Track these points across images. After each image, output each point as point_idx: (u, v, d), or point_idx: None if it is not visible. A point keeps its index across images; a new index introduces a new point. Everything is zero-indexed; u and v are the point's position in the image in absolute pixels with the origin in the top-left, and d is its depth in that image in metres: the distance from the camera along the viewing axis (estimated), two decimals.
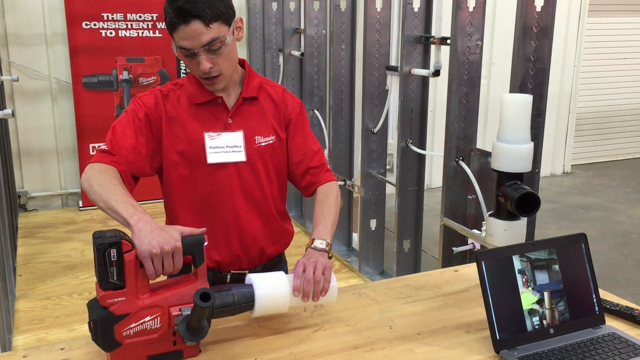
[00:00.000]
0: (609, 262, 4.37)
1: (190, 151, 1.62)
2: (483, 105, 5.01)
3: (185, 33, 1.49)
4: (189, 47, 1.51)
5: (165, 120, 1.62)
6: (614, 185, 6.38)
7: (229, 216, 1.66)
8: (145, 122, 1.60)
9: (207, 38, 1.49)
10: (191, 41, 1.50)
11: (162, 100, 1.63)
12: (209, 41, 1.50)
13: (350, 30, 3.93)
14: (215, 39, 1.50)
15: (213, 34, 1.50)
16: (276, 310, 1.47)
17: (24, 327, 3.10)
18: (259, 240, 1.71)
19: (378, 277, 3.74)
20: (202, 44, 1.50)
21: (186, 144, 1.62)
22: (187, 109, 1.64)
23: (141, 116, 1.60)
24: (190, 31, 1.48)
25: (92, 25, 4.72)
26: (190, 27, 1.48)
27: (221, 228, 1.66)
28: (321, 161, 1.77)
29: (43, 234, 4.44)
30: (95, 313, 1.27)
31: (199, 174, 1.63)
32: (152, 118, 1.61)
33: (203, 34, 1.49)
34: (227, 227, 1.67)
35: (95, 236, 1.26)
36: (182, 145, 1.62)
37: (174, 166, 1.64)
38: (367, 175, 3.69)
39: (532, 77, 2.50)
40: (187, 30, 1.48)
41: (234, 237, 1.68)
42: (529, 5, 2.44)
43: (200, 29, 1.48)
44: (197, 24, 1.48)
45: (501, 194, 1.79)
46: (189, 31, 1.48)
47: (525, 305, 1.40)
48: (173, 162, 1.63)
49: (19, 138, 4.80)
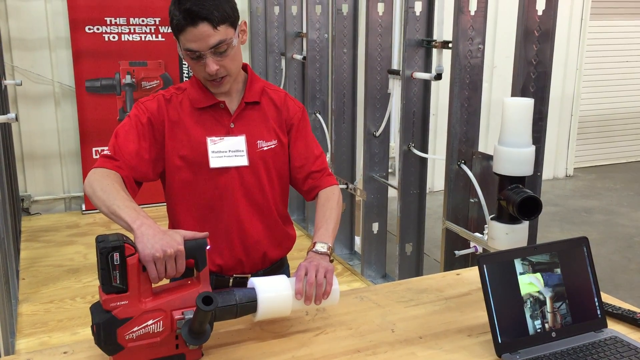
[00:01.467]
0: (612, 266, 4.36)
1: (193, 156, 1.62)
2: (485, 109, 5.01)
3: (193, 35, 1.49)
4: (196, 49, 1.51)
5: (168, 124, 1.63)
6: (617, 188, 6.37)
7: (231, 220, 1.67)
8: (148, 127, 1.61)
9: (214, 40, 1.50)
10: (199, 43, 1.50)
11: (164, 105, 1.64)
12: (216, 43, 1.51)
13: (352, 34, 3.94)
14: (222, 41, 1.51)
15: (220, 36, 1.51)
16: (279, 314, 1.47)
17: (27, 331, 3.10)
18: (261, 244, 1.71)
19: (380, 280, 3.74)
20: (210, 46, 1.51)
21: (189, 149, 1.62)
22: (189, 113, 1.64)
23: (144, 121, 1.61)
24: (198, 33, 1.49)
25: (95, 30, 4.74)
26: (198, 29, 1.48)
27: (223, 232, 1.67)
28: (323, 165, 1.77)
29: (46, 238, 4.44)
30: (98, 317, 1.28)
31: (202, 178, 1.64)
32: (154, 123, 1.62)
33: (211, 36, 1.50)
34: (229, 231, 1.67)
35: (98, 240, 1.26)
36: (184, 149, 1.63)
37: (176, 170, 1.64)
38: (369, 179, 3.70)
39: (534, 81, 2.51)
40: (195, 32, 1.49)
41: (236, 241, 1.68)
42: (531, 9, 2.45)
43: (208, 31, 1.49)
44: (205, 26, 1.48)
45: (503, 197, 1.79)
46: (197, 33, 1.49)
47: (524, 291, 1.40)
48: (175, 166, 1.64)
49: (22, 142, 4.82)
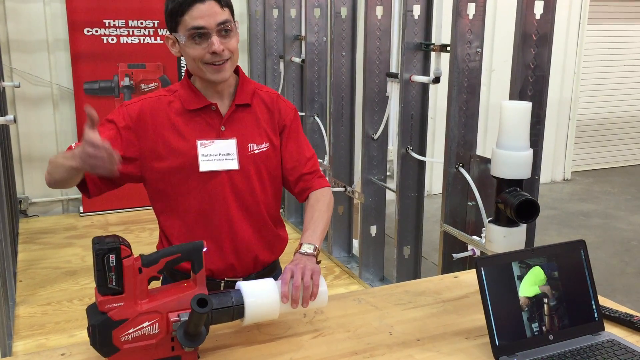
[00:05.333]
0: (609, 269, 4.37)
1: (182, 159, 1.61)
2: (483, 112, 5.02)
3: (200, 11, 1.52)
4: (204, 25, 1.53)
5: (152, 128, 1.61)
6: (614, 192, 6.38)
7: (222, 224, 1.65)
8: (124, 132, 1.60)
9: (222, 17, 1.54)
10: (207, 19, 1.53)
11: (149, 110, 1.62)
12: (223, 20, 1.54)
13: (351, 37, 3.94)
14: (228, 20, 1.56)
15: (227, 15, 1.55)
16: (266, 318, 1.46)
17: (24, 333, 3.09)
18: (252, 247, 1.70)
19: (378, 283, 3.74)
20: (218, 22, 1.54)
21: (178, 152, 1.61)
22: (179, 115, 1.63)
23: (120, 125, 1.60)
24: (206, 9, 1.52)
25: (93, 32, 4.73)
26: (205, 5, 1.52)
27: (214, 236, 1.65)
28: (314, 167, 1.76)
29: (44, 240, 4.44)
30: (94, 318, 1.27)
31: (191, 182, 1.62)
32: (133, 128, 1.60)
33: (218, 13, 1.54)
34: (220, 235, 1.66)
35: (94, 242, 1.26)
36: (173, 152, 1.61)
37: (164, 174, 1.62)
38: (367, 182, 3.70)
39: (532, 84, 2.51)
40: (203, 8, 1.52)
41: (227, 245, 1.67)
42: (529, 13, 2.45)
43: (215, 8, 1.53)
44: (213, 3, 1.53)
45: (501, 200, 1.79)
46: (204, 9, 1.52)
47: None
48: (164, 169, 1.62)
49: (20, 144, 4.81)
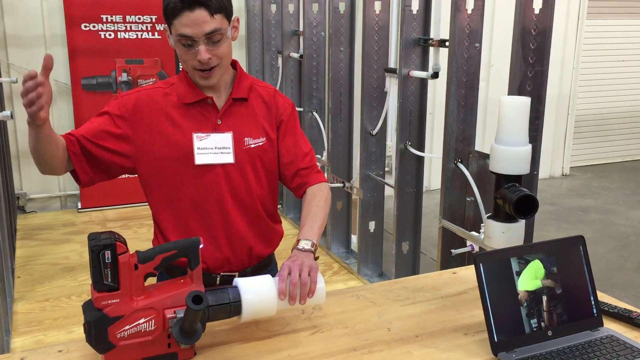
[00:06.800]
0: (608, 265, 4.37)
1: (178, 152, 1.60)
2: (482, 107, 4.99)
3: (189, 20, 1.49)
4: (190, 35, 1.50)
5: (147, 121, 1.61)
6: (613, 187, 6.38)
7: (217, 218, 1.65)
8: (119, 122, 1.60)
9: (210, 27, 1.50)
10: (194, 29, 1.49)
11: (146, 102, 1.62)
12: (211, 30, 1.50)
13: (349, 33, 3.93)
14: (217, 29, 1.51)
15: (216, 25, 1.51)
16: (264, 315, 1.45)
17: (22, 329, 3.09)
18: (246, 239, 1.69)
19: (377, 279, 3.74)
20: (205, 33, 1.50)
21: (173, 144, 1.60)
22: (176, 108, 1.62)
23: (115, 114, 1.60)
24: (195, 18, 1.48)
25: (91, 27, 4.72)
26: (194, 14, 1.48)
27: (209, 230, 1.65)
28: (311, 162, 1.75)
29: (42, 236, 4.43)
30: (90, 315, 1.27)
31: (187, 175, 1.62)
32: (128, 118, 1.60)
33: (207, 23, 1.49)
34: (215, 229, 1.65)
35: (90, 238, 1.26)
36: (169, 145, 1.60)
37: (159, 167, 1.62)
38: (366, 177, 3.69)
39: (531, 79, 2.50)
40: (192, 17, 1.48)
41: (222, 238, 1.66)
42: (528, 8, 2.44)
43: (205, 17, 1.49)
44: (202, 12, 1.48)
45: (499, 196, 1.78)
46: (193, 18, 1.48)
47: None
48: (159, 162, 1.61)
49: (17, 140, 4.79)
